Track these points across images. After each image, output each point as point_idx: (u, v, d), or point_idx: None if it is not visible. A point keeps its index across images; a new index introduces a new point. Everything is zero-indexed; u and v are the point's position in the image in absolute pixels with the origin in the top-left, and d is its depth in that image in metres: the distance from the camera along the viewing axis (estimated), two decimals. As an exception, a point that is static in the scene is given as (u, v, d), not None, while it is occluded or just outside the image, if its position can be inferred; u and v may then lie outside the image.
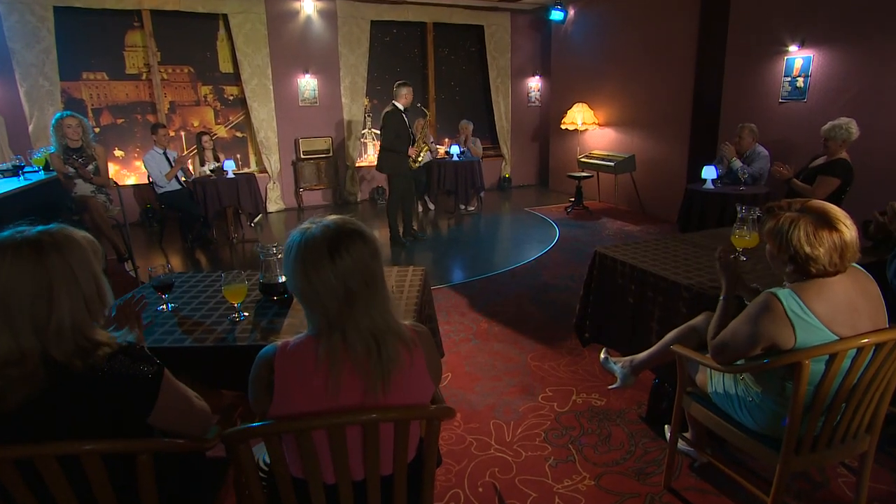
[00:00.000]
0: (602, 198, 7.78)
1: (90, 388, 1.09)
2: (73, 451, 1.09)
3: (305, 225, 1.18)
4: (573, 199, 7.23)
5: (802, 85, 4.89)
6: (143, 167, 6.11)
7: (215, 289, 2.22)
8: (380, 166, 5.45)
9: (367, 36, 7.60)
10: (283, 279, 2.06)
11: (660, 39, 6.42)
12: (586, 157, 7.48)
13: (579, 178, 7.10)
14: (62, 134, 4.23)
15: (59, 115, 4.35)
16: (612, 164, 6.90)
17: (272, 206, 7.52)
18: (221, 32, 7.17)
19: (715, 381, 1.86)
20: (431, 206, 7.43)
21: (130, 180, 6.99)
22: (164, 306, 2.01)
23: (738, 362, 1.65)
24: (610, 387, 2.46)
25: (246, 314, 1.93)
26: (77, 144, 4.37)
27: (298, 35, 7.36)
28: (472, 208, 7.34)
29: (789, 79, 5.01)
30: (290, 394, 1.13)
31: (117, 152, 6.96)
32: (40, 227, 1.11)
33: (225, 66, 7.31)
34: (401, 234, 5.63)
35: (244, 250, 5.77)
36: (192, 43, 7.07)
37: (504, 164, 9.08)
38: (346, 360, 1.13)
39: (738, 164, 4.51)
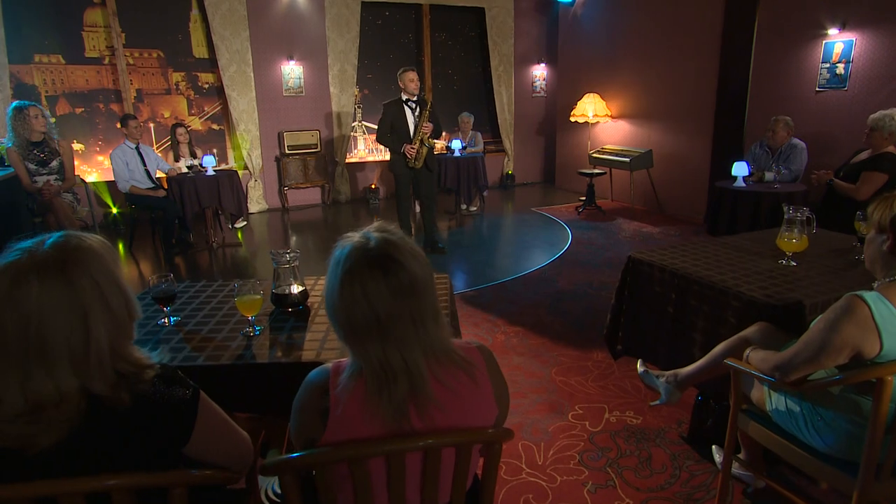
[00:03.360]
0: (615, 196, 7.86)
1: (128, 419, 1.07)
2: (102, 488, 1.08)
3: (352, 235, 1.18)
4: (584, 198, 7.29)
5: (843, 72, 4.97)
6: (109, 163, 6.05)
7: (220, 300, 2.21)
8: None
9: (358, 19, 7.61)
10: (296, 289, 2.06)
11: (680, 22, 6.50)
12: (598, 152, 7.55)
13: (591, 176, 7.15)
14: (26, 126, 4.16)
15: (17, 104, 4.28)
16: (627, 159, 6.96)
17: (254, 207, 7.48)
18: (195, 12, 7.14)
19: (775, 397, 1.88)
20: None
21: (92, 177, 6.91)
22: (166, 320, 1.99)
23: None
24: (652, 403, 2.48)
25: (260, 328, 1.92)
26: (40, 138, 4.31)
27: (282, 17, 7.34)
28: (474, 208, 7.37)
29: (828, 65, 5.09)
30: (349, 419, 1.13)
31: (76, 145, 6.88)
32: (48, 241, 1.06)
33: (199, 51, 7.27)
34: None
35: (225, 256, 5.73)
36: (162, 24, 7.03)
37: (506, 160, 9.13)
38: (403, 384, 1.13)
39: (770, 176, 4.56)
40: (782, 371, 1.69)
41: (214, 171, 5.62)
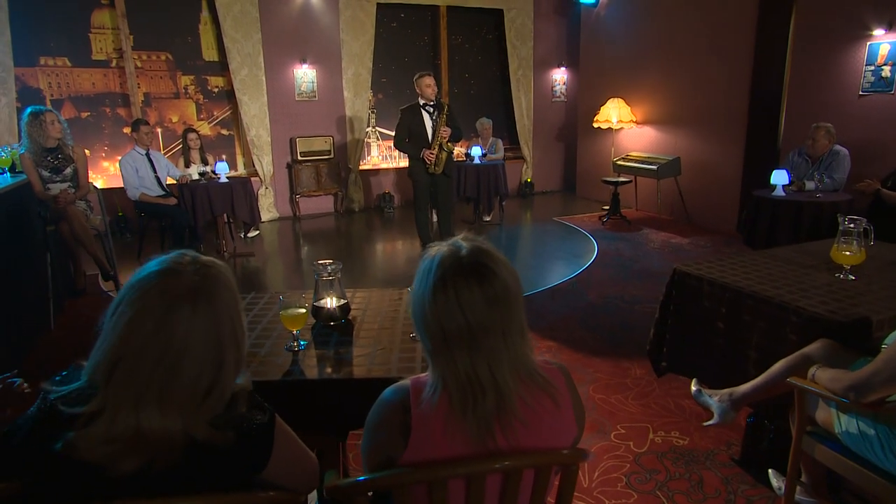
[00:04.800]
0: (640, 206, 7.86)
1: (214, 452, 1.06)
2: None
3: (440, 245, 1.20)
4: (608, 208, 7.30)
5: (889, 74, 4.96)
6: (114, 169, 6.12)
7: (256, 313, 2.22)
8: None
9: (373, 21, 7.69)
10: (339, 303, 2.07)
11: (711, 23, 6.52)
12: (623, 159, 7.56)
13: (616, 184, 7.16)
14: (42, 132, 4.22)
15: (34, 109, 4.33)
16: (654, 167, 6.97)
17: (265, 215, 7.51)
18: (205, 14, 7.23)
19: (844, 419, 1.87)
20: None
21: (97, 183, 6.96)
22: (206, 333, 2.00)
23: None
24: (706, 423, 2.47)
25: (305, 343, 1.93)
26: (54, 144, 4.36)
27: (295, 19, 7.43)
28: (488, 218, 7.33)
29: (872, 68, 5.08)
30: (432, 437, 1.14)
31: (83, 151, 6.95)
32: (191, 265, 1.04)
33: (209, 54, 7.35)
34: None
35: (235, 266, 5.75)
36: (171, 26, 7.12)
37: (525, 167, 9.17)
38: (490, 398, 1.14)
39: (811, 185, 4.56)
40: (858, 391, 1.68)
41: (227, 178, 5.66)
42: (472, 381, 1.13)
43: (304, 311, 1.88)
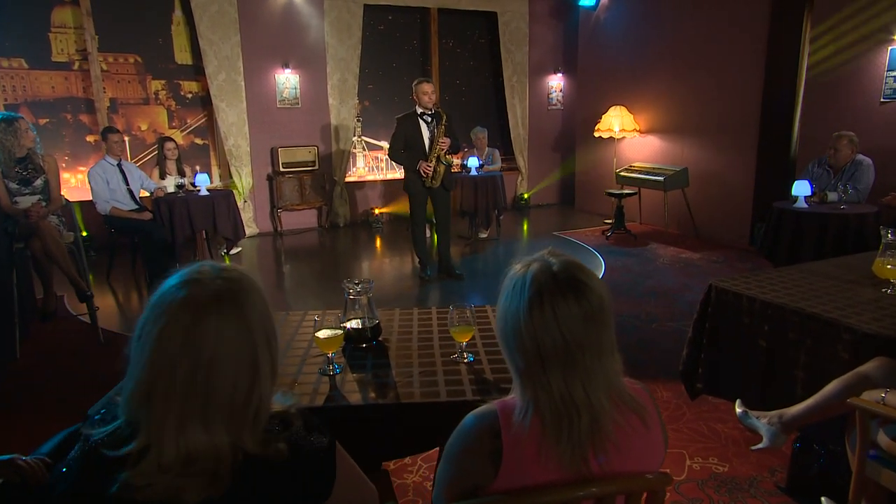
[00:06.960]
0: (645, 219, 7.97)
1: (276, 472, 1.06)
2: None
3: (525, 260, 1.22)
4: (611, 221, 7.40)
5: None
6: (75, 180, 5.99)
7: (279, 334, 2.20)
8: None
9: (360, 23, 7.75)
10: (369, 323, 2.07)
11: (720, 26, 6.68)
12: (626, 170, 7.68)
13: (621, 196, 7.27)
14: (15, 141, 4.14)
15: (5, 116, 4.25)
16: (661, 178, 7.10)
17: (243, 231, 7.49)
18: (178, 14, 7.23)
19: (911, 441, 1.91)
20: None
21: (59, 197, 6.86)
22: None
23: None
24: (754, 448, 2.49)
25: (340, 366, 1.92)
26: (24, 153, 4.29)
27: (277, 21, 7.46)
28: (485, 235, 7.35)
29: (895, 73, 5.24)
30: (524, 462, 1.15)
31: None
32: (212, 271, 1.04)
33: (182, 57, 7.33)
34: (426, 267, 5.69)
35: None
36: (141, 26, 7.09)
37: (520, 179, 9.26)
38: (585, 420, 1.16)
39: (833, 196, 4.67)
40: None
41: (208, 190, 5.62)
42: (567, 402, 1.15)
43: (340, 332, 1.88)
